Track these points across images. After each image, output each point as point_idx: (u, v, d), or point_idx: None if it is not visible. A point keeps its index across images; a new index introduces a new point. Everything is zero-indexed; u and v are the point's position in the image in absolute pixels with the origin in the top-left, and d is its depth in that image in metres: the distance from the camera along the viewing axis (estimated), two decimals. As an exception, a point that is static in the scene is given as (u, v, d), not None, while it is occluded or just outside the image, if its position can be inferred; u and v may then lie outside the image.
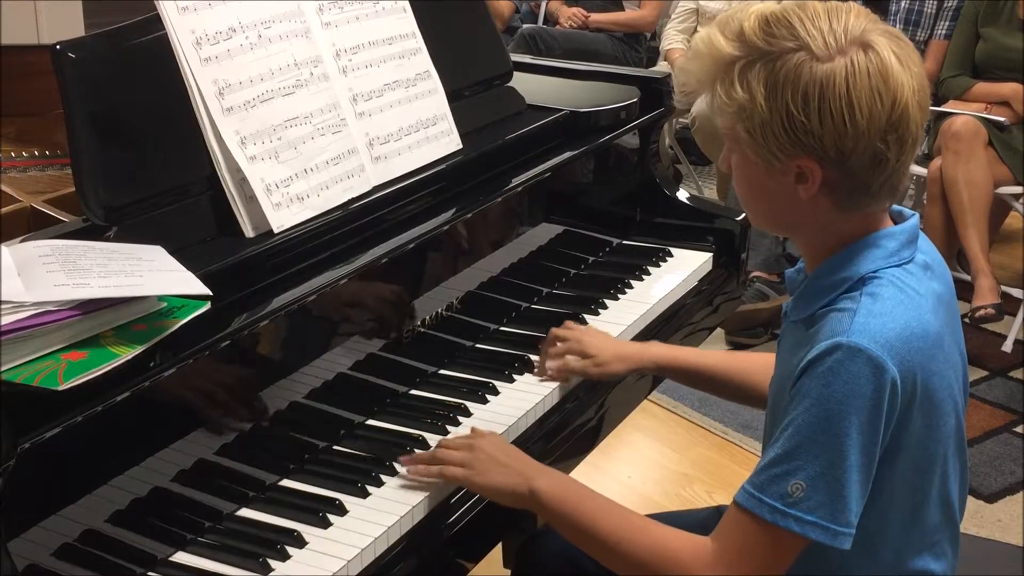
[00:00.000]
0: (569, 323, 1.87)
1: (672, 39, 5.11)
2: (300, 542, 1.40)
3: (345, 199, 1.68)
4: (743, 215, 2.28)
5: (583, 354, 1.79)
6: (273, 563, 1.36)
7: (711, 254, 2.27)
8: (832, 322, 1.30)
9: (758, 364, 1.72)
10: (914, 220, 1.39)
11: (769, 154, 1.30)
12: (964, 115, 3.84)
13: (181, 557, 1.38)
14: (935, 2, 4.25)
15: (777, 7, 1.31)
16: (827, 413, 1.25)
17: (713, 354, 1.82)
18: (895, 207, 1.41)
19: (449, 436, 1.61)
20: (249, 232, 1.57)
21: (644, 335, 2.00)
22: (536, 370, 1.82)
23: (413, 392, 1.75)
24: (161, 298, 1.32)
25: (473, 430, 1.59)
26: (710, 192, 5.01)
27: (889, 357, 1.25)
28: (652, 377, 2.02)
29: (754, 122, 1.28)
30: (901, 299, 1.30)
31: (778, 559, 1.30)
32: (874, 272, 1.32)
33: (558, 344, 1.81)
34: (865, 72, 1.26)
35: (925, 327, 1.30)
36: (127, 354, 1.25)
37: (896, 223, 1.38)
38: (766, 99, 1.27)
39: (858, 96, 1.25)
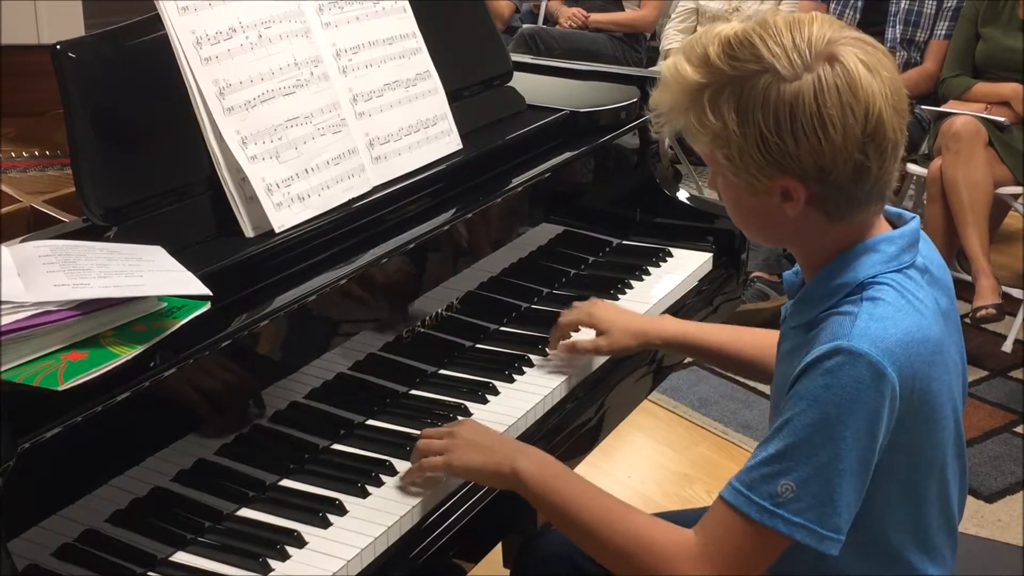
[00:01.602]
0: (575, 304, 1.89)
1: (672, 39, 5.11)
2: (300, 542, 1.40)
3: (346, 199, 1.68)
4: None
5: (594, 328, 1.81)
6: (273, 563, 1.36)
7: (711, 254, 2.27)
8: (833, 325, 1.29)
9: (767, 340, 1.71)
10: (914, 224, 1.38)
11: (750, 177, 1.29)
12: (964, 115, 3.84)
13: (181, 557, 1.38)
14: (935, 2, 4.25)
15: (739, 28, 1.30)
16: (824, 416, 1.24)
17: (722, 329, 1.82)
18: (894, 209, 1.41)
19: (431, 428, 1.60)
20: (249, 232, 1.57)
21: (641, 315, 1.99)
22: (548, 347, 1.84)
23: (413, 392, 1.75)
24: (161, 298, 1.32)
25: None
26: (710, 192, 5.01)
27: (889, 363, 1.24)
28: (652, 377, 2.02)
29: (731, 148, 1.28)
30: (902, 304, 1.29)
31: (761, 557, 1.30)
32: (874, 277, 1.31)
33: (567, 319, 1.83)
34: (834, 87, 1.24)
35: (926, 333, 1.29)
36: (127, 354, 1.25)
37: (895, 226, 1.38)
38: (738, 125, 1.26)
39: (829, 112, 1.24)
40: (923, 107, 4.13)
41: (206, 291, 1.34)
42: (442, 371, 1.81)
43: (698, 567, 1.30)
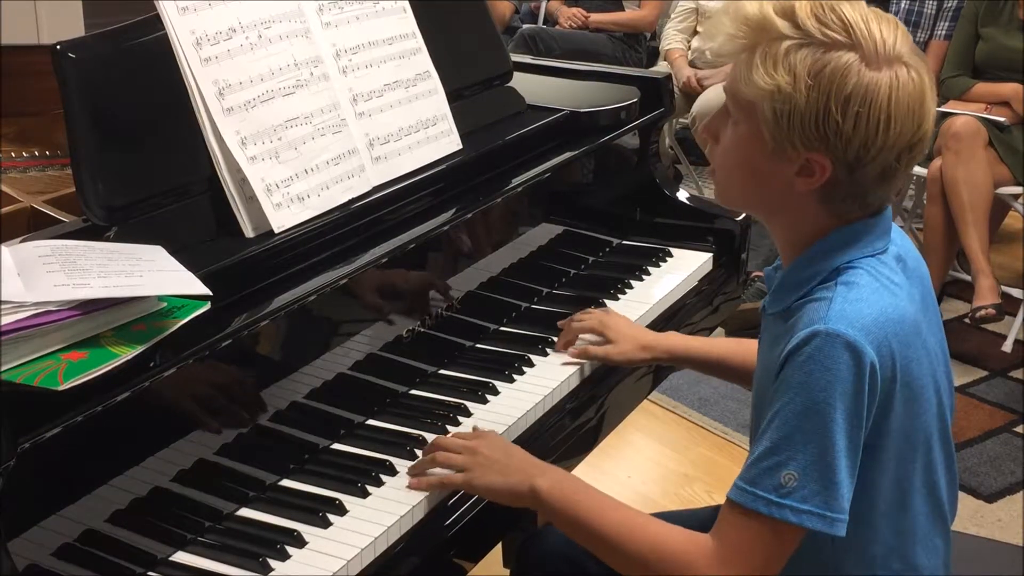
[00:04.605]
0: (589, 310, 1.90)
1: (672, 39, 5.11)
2: (300, 542, 1.40)
3: (345, 199, 1.68)
4: (743, 215, 2.28)
5: (604, 336, 1.82)
6: (273, 563, 1.36)
7: (711, 254, 2.27)
8: (809, 312, 1.31)
9: None
10: (887, 212, 1.39)
11: (787, 141, 1.29)
12: (964, 115, 3.84)
13: (181, 557, 1.38)
14: (935, 2, 4.25)
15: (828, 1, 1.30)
16: (811, 400, 1.26)
17: (725, 342, 1.84)
18: None
19: (448, 435, 1.61)
20: (249, 232, 1.57)
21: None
22: (556, 346, 1.87)
23: (413, 392, 1.75)
24: (161, 298, 1.32)
25: (474, 429, 1.59)
26: (710, 192, 5.01)
27: (867, 340, 1.26)
28: (652, 377, 2.02)
29: (787, 107, 1.27)
30: (876, 287, 1.31)
31: (777, 551, 1.31)
32: (848, 263, 1.33)
33: (579, 322, 1.85)
34: (907, 90, 1.27)
35: (901, 313, 1.31)
36: (127, 354, 1.25)
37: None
38: (808, 89, 1.26)
39: (896, 111, 1.26)
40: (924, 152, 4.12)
41: (206, 291, 1.34)
42: (442, 371, 1.81)
43: (718, 570, 1.31)
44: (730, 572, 1.30)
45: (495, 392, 1.75)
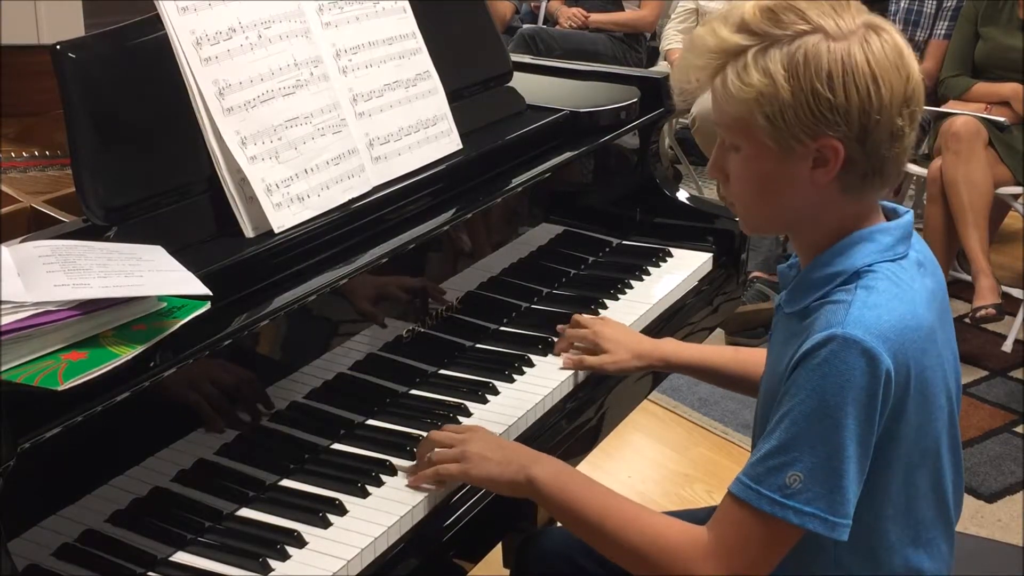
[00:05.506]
0: (585, 317, 1.90)
1: (672, 39, 5.11)
2: (300, 542, 1.40)
3: (345, 199, 1.68)
4: (743, 215, 2.28)
5: (599, 347, 1.81)
6: (273, 563, 1.36)
7: (711, 254, 2.27)
8: (827, 314, 1.30)
9: (764, 359, 1.72)
10: (908, 217, 1.39)
11: (791, 138, 1.29)
12: (964, 115, 3.84)
13: (181, 557, 1.38)
14: (934, 2, 4.25)
15: (774, 1, 1.31)
16: (823, 404, 1.25)
17: (722, 350, 1.83)
18: (889, 204, 1.42)
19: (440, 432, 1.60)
20: (249, 232, 1.57)
21: (645, 335, 2.00)
22: (555, 351, 1.85)
23: (413, 392, 1.75)
24: (161, 298, 1.32)
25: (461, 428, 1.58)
26: (710, 192, 5.01)
27: (884, 348, 1.26)
28: (652, 377, 2.02)
29: (775, 106, 1.27)
30: (896, 292, 1.31)
31: (774, 550, 1.31)
32: (869, 266, 1.33)
33: (575, 331, 1.84)
34: (881, 48, 1.28)
35: (919, 320, 1.30)
36: (127, 354, 1.25)
37: (890, 220, 1.39)
38: (787, 80, 1.26)
39: (880, 69, 1.27)
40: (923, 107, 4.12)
41: (206, 291, 1.34)
42: (442, 371, 1.81)
43: (713, 564, 1.31)
44: (724, 566, 1.30)
45: (495, 392, 1.75)
